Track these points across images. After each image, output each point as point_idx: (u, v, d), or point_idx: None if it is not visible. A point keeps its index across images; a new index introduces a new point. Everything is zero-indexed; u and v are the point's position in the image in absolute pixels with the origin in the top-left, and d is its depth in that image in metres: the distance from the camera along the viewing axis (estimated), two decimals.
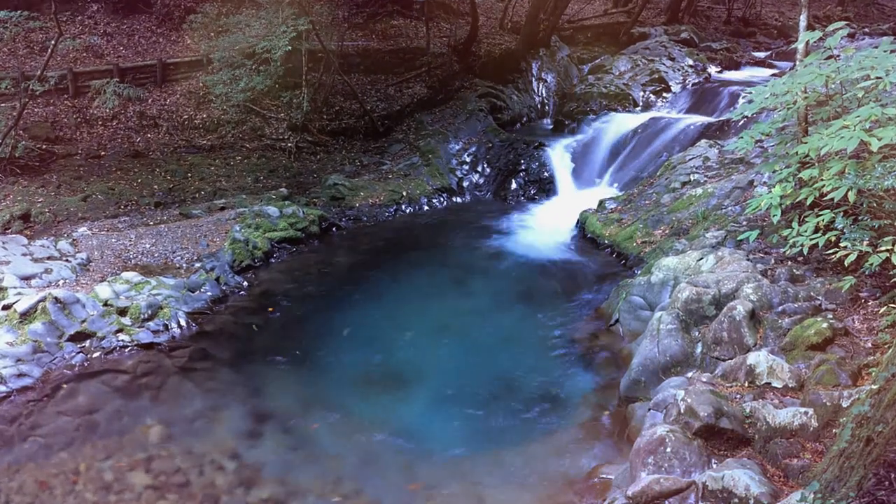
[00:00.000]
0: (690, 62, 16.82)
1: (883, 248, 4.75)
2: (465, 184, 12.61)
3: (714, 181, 9.38)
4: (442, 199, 12.02)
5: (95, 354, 6.72)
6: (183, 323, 7.28)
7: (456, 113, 14.17)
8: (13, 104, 11.59)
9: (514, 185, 12.34)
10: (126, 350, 6.83)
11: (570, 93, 15.78)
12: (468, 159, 12.97)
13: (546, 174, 12.35)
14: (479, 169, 12.82)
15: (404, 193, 11.64)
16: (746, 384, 4.97)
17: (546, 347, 7.02)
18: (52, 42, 11.14)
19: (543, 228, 10.59)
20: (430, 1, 16.64)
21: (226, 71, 12.20)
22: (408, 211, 11.44)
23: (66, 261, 8.19)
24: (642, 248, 8.75)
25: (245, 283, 8.50)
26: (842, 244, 5.12)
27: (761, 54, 19.77)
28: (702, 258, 7.02)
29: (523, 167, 12.49)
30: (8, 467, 5.29)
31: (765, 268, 6.40)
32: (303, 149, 13.18)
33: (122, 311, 7.18)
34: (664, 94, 15.30)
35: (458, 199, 12.26)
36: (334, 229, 10.45)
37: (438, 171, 12.43)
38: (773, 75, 14.66)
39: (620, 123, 13.38)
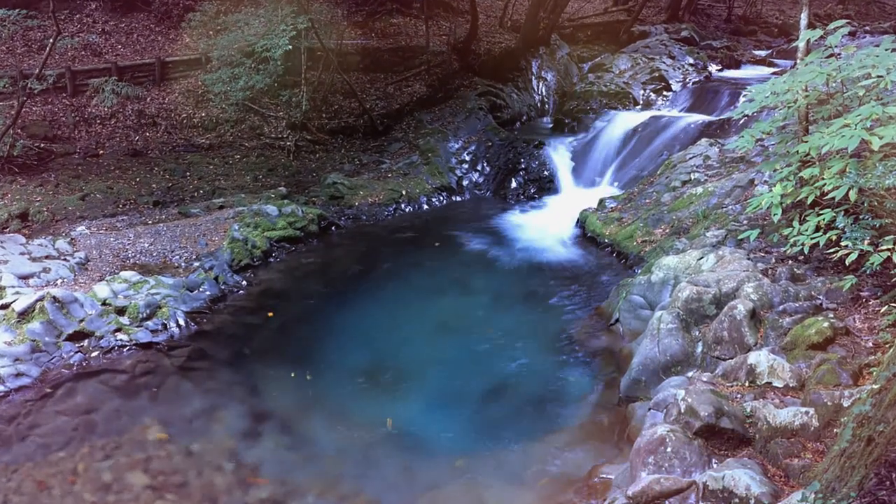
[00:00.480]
0: (691, 60, 16.79)
1: (884, 247, 4.72)
2: (465, 183, 12.59)
3: (714, 180, 9.36)
4: (441, 198, 11.99)
5: (94, 354, 6.70)
6: (182, 322, 7.26)
7: (455, 111, 14.14)
8: (11, 103, 11.56)
9: (513, 184, 12.32)
10: (124, 349, 6.81)
11: (570, 91, 15.75)
12: (468, 158, 12.94)
13: (546, 173, 12.32)
14: (479, 168, 12.80)
15: (404, 192, 11.61)
16: (747, 384, 4.95)
17: (546, 347, 7.00)
18: (51, 40, 11.10)
19: (543, 227, 10.56)
20: None
21: (225, 69, 12.16)
22: (407, 210, 11.42)
23: (65, 260, 8.16)
24: (642, 247, 8.73)
25: (244, 283, 8.47)
26: (843, 243, 5.10)
27: (762, 52, 19.73)
28: (702, 257, 7.01)
29: (523, 166, 12.47)
30: (6, 467, 5.27)
31: (765, 267, 6.38)
32: (302, 147, 13.16)
33: (121, 311, 7.16)
34: (664, 93, 15.27)
35: (458, 198, 12.23)
36: (333, 228, 10.43)
37: (438, 169, 12.40)
38: (774, 74, 14.64)
39: (621, 122, 13.35)
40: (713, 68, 17.09)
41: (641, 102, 14.97)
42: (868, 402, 3.60)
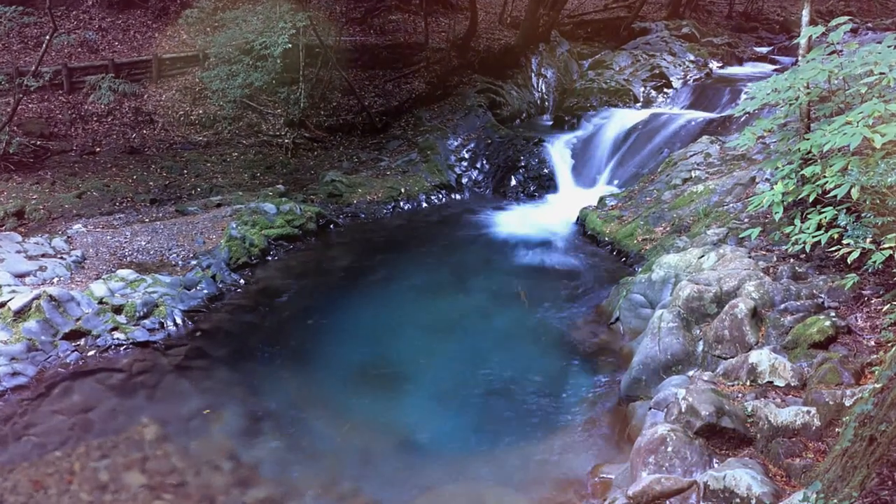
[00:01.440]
0: (692, 57, 16.74)
1: (886, 246, 4.69)
2: (464, 180, 12.54)
3: (715, 178, 9.32)
4: (441, 196, 11.94)
5: (90, 353, 6.67)
6: (179, 321, 7.22)
7: (455, 109, 14.09)
8: (7, 100, 11.51)
9: (513, 182, 12.28)
10: (121, 348, 6.78)
11: (570, 88, 15.70)
12: (467, 156, 12.89)
13: (546, 171, 12.28)
14: (479, 165, 12.75)
15: (402, 190, 11.57)
16: (748, 383, 4.92)
17: (546, 346, 6.97)
18: (47, 37, 11.04)
19: (543, 226, 10.53)
20: None
21: (222, 66, 12.12)
22: (406, 208, 11.37)
23: (61, 258, 8.12)
24: (643, 246, 8.70)
25: (242, 281, 8.43)
26: (844, 241, 5.06)
27: (763, 49, 19.68)
28: (703, 255, 6.97)
29: (523, 164, 12.42)
30: (2, 467, 5.24)
31: (767, 265, 6.34)
32: (300, 145, 13.11)
33: (118, 309, 7.12)
34: (665, 90, 15.22)
35: (457, 196, 12.18)
36: (332, 226, 10.38)
37: (437, 167, 12.35)
38: (776, 71, 14.60)
39: (621, 119, 13.31)
40: (714, 65, 17.03)
41: (642, 100, 14.92)
42: (870, 401, 3.57)
